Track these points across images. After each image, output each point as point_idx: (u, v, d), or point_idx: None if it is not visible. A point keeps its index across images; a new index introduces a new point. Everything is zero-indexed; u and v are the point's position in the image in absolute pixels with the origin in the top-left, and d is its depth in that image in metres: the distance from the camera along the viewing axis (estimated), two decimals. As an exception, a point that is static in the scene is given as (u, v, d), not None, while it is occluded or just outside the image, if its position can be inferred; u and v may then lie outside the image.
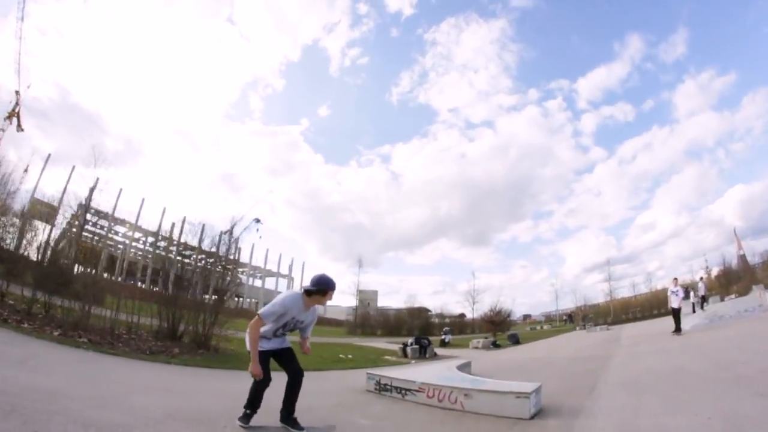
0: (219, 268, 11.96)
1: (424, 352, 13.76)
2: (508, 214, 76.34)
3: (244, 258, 53.24)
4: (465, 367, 7.28)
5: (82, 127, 61.49)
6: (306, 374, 3.47)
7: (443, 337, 20.86)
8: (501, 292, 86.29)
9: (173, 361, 7.13)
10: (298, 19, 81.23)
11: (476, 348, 17.05)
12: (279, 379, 3.37)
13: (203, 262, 14.73)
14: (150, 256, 41.51)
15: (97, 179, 11.73)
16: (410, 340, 14.67)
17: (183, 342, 8.76)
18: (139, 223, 39.22)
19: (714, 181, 60.02)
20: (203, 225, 13.41)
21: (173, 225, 34.76)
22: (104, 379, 4.92)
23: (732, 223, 47.58)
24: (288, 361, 3.43)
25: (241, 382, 3.72)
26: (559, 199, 79.47)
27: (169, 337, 8.73)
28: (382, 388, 5.24)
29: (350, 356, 12.13)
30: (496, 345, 17.75)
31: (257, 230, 53.34)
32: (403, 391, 4.90)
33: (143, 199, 40.15)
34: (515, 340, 19.79)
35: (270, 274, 54.17)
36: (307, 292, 3.35)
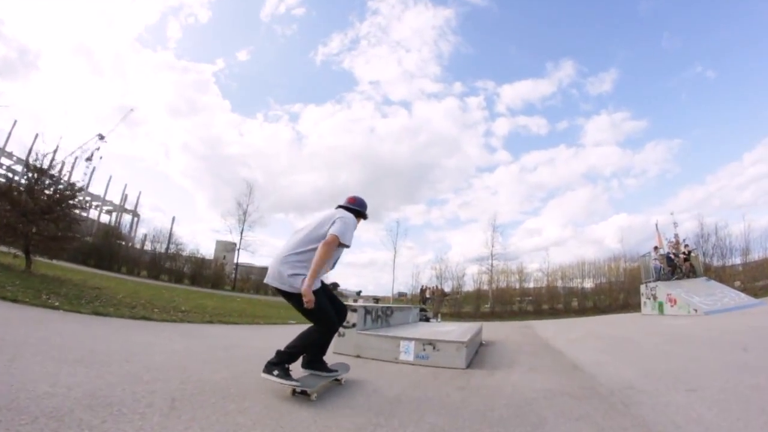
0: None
1: None
2: (405, 195, 73.25)
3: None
4: None
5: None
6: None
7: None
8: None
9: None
10: (239, -55, 70.30)
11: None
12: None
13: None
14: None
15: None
16: None
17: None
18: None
19: (603, 205, 64.58)
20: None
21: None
22: None
23: (610, 245, 53.80)
24: (332, 296, 3.13)
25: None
26: (456, 190, 79.40)
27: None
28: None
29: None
30: None
31: (98, 149, 43.51)
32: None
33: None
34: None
35: (122, 209, 47.77)
36: (357, 213, 3.14)
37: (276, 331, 7.63)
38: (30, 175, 9.98)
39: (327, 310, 2.82)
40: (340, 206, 3.11)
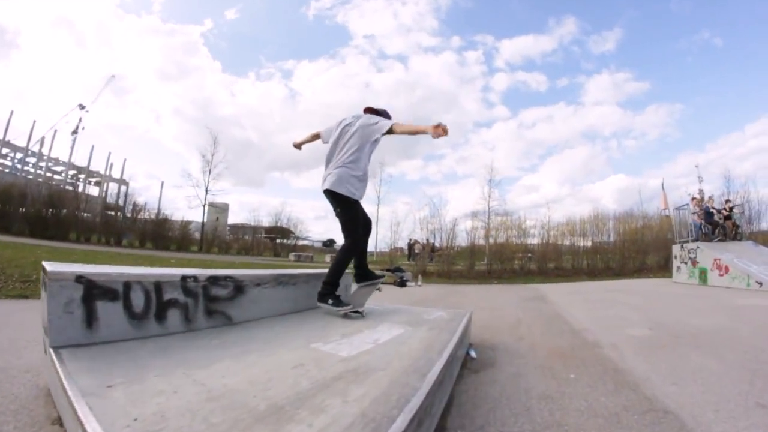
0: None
1: None
2: (401, 150, 71.99)
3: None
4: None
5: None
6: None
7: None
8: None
9: None
10: None
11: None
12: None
13: None
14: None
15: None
16: None
17: None
18: None
19: (601, 165, 65.81)
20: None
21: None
22: None
23: (607, 205, 42.50)
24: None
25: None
26: (453, 145, 75.79)
27: None
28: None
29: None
30: None
31: (80, 119, 44.56)
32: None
33: None
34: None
35: (109, 178, 42.98)
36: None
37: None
38: None
39: (357, 224, 2.95)
40: (371, 110, 3.23)
